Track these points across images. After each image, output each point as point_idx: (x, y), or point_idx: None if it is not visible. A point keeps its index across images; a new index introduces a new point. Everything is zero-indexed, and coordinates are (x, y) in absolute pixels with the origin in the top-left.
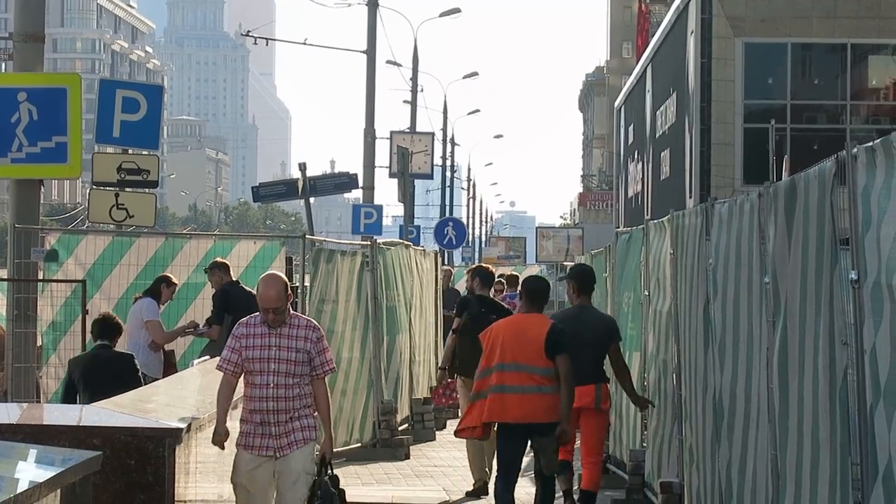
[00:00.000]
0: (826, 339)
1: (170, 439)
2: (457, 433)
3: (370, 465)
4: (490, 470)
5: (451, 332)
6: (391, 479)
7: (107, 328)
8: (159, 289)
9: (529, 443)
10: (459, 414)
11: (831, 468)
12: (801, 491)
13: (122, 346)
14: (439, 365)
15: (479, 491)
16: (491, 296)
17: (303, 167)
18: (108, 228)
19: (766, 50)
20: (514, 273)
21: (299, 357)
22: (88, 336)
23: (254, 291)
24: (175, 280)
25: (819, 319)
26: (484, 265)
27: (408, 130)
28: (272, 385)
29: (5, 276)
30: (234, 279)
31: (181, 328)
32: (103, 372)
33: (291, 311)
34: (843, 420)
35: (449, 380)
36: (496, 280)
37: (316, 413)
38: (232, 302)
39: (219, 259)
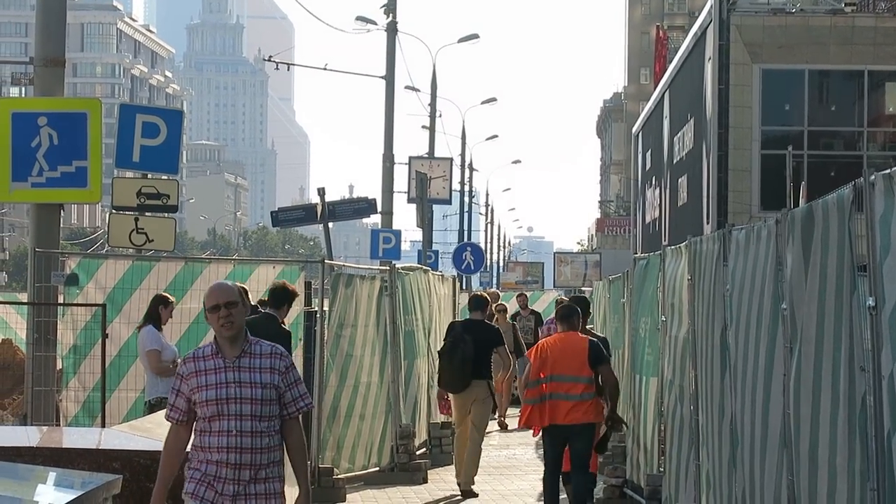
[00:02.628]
0: (844, 366)
1: (188, 462)
2: (521, 424)
3: (388, 489)
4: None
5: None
6: (409, 503)
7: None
8: (157, 312)
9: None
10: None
11: (849, 494)
12: None
13: (139, 375)
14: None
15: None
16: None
17: (321, 192)
18: (128, 253)
19: (783, 76)
20: (562, 298)
21: (266, 394)
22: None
23: (273, 313)
24: (171, 298)
25: (837, 346)
26: (479, 293)
27: (426, 156)
28: (234, 432)
29: (26, 300)
30: (252, 304)
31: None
32: None
33: (251, 337)
34: (862, 446)
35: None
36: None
37: (285, 468)
38: (250, 327)
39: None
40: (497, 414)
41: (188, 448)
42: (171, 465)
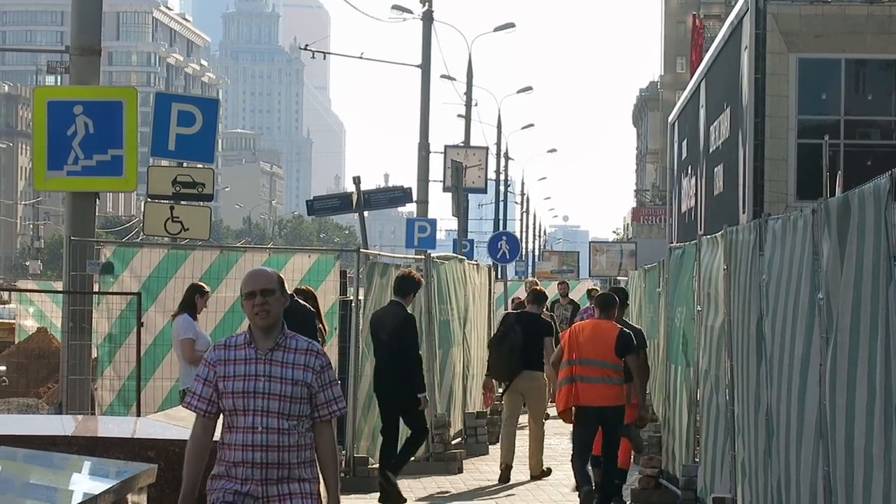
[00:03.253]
0: (881, 355)
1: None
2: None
3: (423, 478)
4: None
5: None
6: (444, 493)
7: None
8: (193, 300)
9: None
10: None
11: (885, 484)
12: None
13: (174, 363)
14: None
15: (504, 475)
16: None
17: (357, 181)
18: (164, 241)
19: (819, 65)
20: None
21: (297, 392)
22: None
23: (308, 305)
24: (207, 287)
25: (873, 335)
26: (538, 287)
27: (462, 145)
28: (260, 429)
29: (61, 289)
30: (289, 293)
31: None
32: None
33: (287, 330)
34: None
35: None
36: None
37: (318, 472)
38: (287, 316)
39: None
40: None
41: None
42: (197, 462)
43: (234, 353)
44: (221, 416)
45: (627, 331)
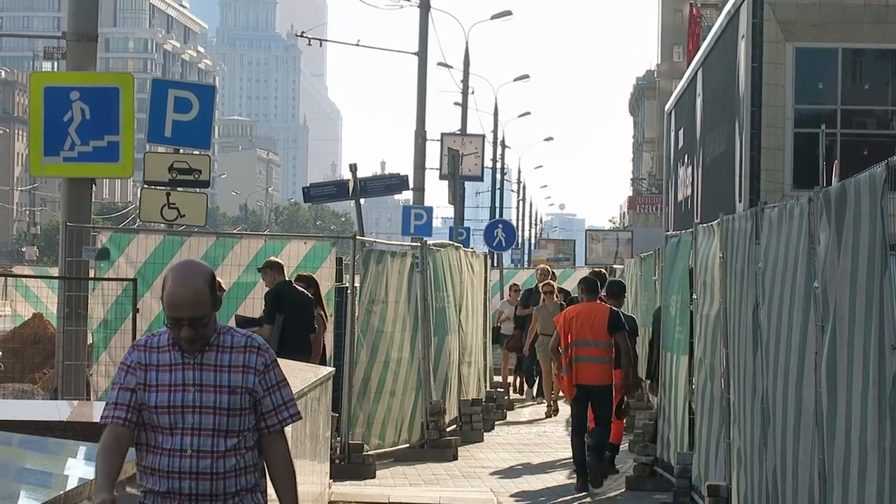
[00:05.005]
0: (875, 344)
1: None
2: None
3: (418, 465)
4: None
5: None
6: (439, 480)
7: None
8: None
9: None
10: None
11: (878, 473)
12: (849, 495)
13: None
14: None
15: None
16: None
17: (353, 168)
18: (160, 227)
19: (816, 55)
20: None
21: (236, 401)
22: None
23: (307, 291)
24: (224, 285)
25: (868, 324)
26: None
27: (458, 132)
28: (189, 451)
29: (57, 274)
30: (287, 279)
31: None
32: None
33: (220, 323)
34: (892, 425)
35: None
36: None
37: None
38: (284, 302)
39: (273, 258)
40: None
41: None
42: (110, 461)
43: (156, 355)
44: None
45: (617, 310)
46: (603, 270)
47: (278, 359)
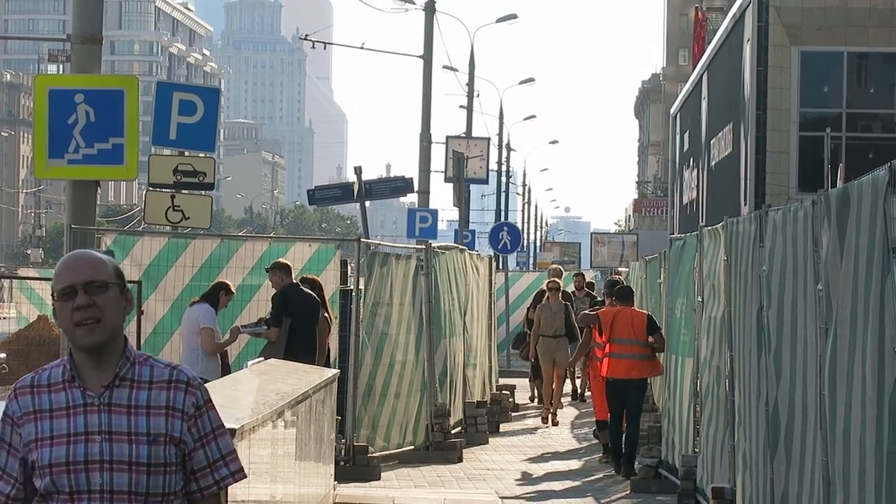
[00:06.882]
0: (877, 347)
1: None
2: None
3: (423, 467)
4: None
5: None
6: (443, 482)
7: None
8: (218, 296)
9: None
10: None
11: (877, 477)
12: (851, 498)
13: (178, 351)
14: None
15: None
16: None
17: (358, 171)
18: (164, 230)
19: (822, 58)
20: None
21: (158, 453)
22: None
23: (313, 294)
24: (233, 288)
25: (870, 327)
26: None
27: (464, 135)
28: None
29: None
30: (293, 281)
31: (229, 340)
32: None
33: (132, 351)
34: (892, 428)
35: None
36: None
37: None
38: (291, 304)
39: (281, 260)
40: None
41: None
42: None
43: (48, 398)
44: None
45: (651, 314)
46: (619, 277)
47: (286, 361)
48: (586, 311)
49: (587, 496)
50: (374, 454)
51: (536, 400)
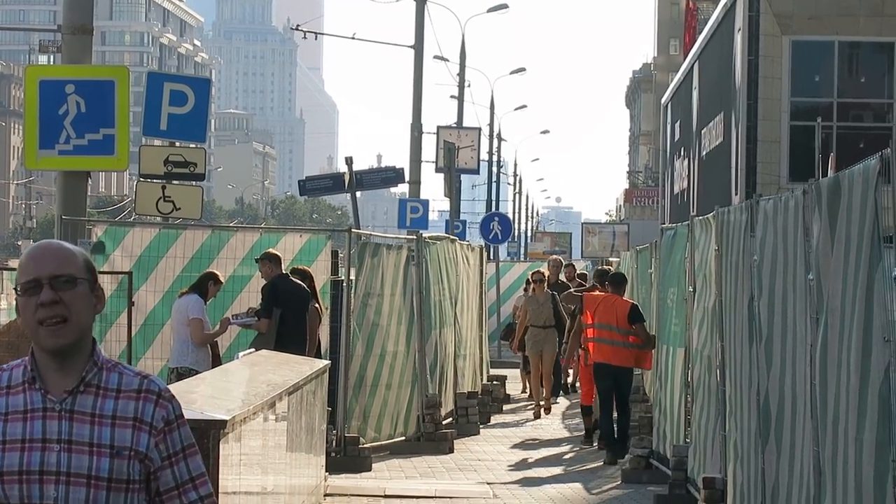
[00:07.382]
0: (868, 336)
1: (214, 431)
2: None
3: (414, 458)
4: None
5: None
6: (435, 473)
7: None
8: (207, 286)
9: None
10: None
11: (866, 465)
12: (839, 487)
13: (168, 342)
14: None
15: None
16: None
17: (349, 161)
18: (155, 221)
19: (813, 48)
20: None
21: (120, 469)
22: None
23: (303, 284)
24: (222, 278)
25: (861, 316)
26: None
27: (454, 125)
28: None
29: None
30: (283, 272)
31: (219, 331)
32: None
33: (101, 356)
34: (883, 418)
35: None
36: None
37: None
38: (281, 295)
39: (271, 250)
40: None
41: None
42: None
43: (4, 400)
44: None
45: (636, 304)
46: (610, 267)
47: (277, 352)
48: (571, 291)
49: (577, 486)
50: (365, 445)
51: (528, 392)
